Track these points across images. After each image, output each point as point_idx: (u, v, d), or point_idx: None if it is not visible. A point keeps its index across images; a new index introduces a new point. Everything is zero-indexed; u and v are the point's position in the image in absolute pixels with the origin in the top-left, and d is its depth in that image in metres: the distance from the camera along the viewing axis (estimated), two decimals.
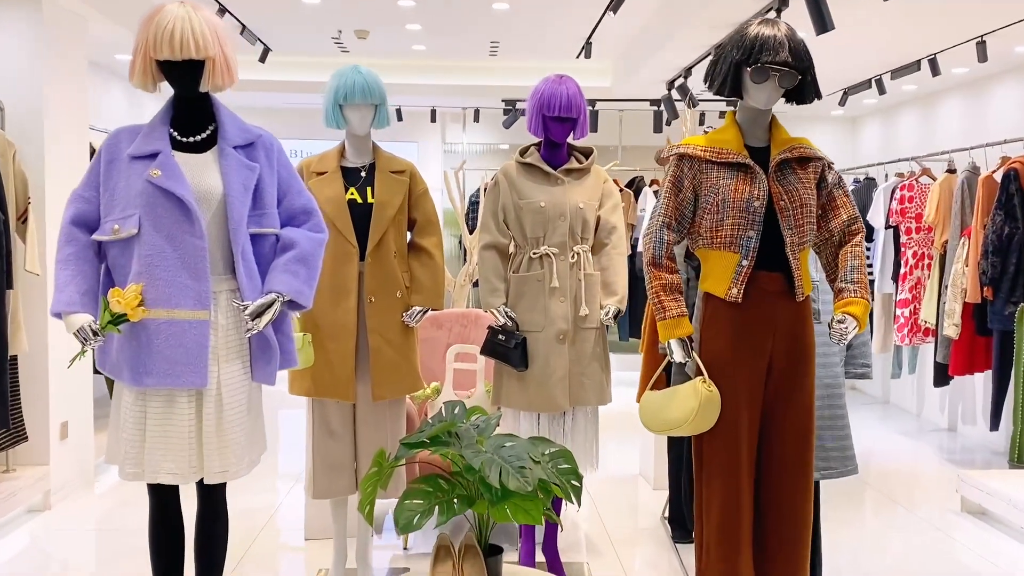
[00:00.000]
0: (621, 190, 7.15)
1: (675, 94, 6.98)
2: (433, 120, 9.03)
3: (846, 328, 2.70)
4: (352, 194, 3.56)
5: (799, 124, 9.23)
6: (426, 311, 3.64)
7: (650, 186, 8.12)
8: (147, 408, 2.58)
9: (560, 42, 7.32)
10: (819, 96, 2.79)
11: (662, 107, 7.58)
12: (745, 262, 2.69)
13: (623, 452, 5.72)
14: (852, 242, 2.82)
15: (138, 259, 2.56)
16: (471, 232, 5.78)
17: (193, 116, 2.69)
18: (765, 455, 2.78)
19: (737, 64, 2.71)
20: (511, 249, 3.76)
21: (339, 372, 3.49)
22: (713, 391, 2.68)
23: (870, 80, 6.75)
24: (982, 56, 5.38)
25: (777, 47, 2.64)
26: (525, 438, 2.86)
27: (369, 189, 3.57)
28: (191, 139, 2.67)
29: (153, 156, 2.58)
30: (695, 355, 2.77)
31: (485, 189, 8.95)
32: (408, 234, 3.72)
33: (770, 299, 2.73)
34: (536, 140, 3.77)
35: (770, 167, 2.75)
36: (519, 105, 8.40)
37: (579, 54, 7.11)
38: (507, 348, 3.61)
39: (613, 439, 5.42)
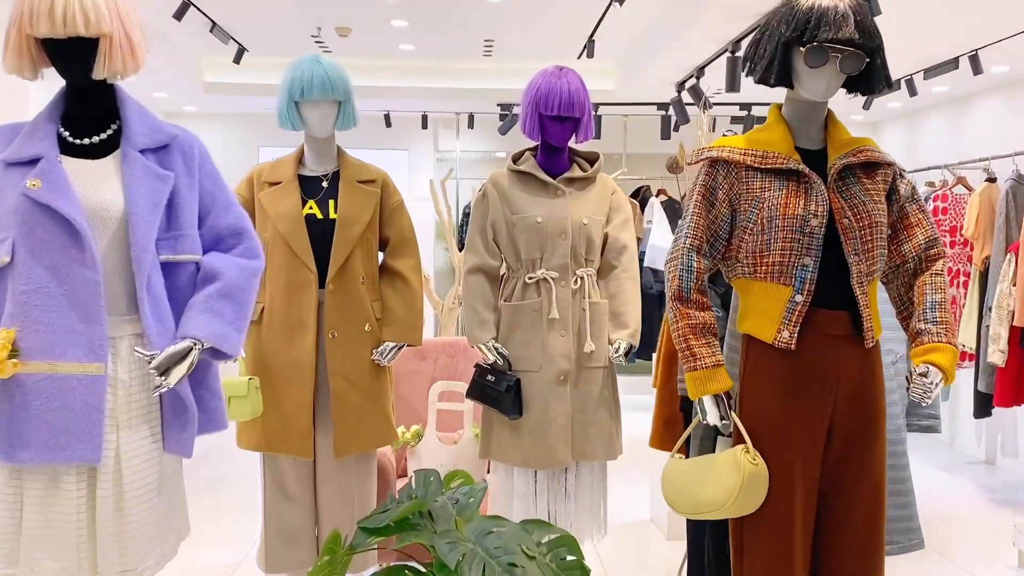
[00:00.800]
0: None
1: (686, 96, 6.40)
2: (424, 126, 8.45)
3: (930, 383, 2.10)
4: (311, 208, 2.99)
5: None
6: (401, 347, 3.06)
7: (657, 196, 7.57)
8: (24, 490, 1.99)
9: (559, 40, 6.75)
10: (889, 85, 2.19)
11: (670, 111, 7.00)
12: (799, 297, 2.10)
13: (630, 492, 5.12)
14: (931, 270, 2.22)
15: (12, 296, 1.97)
16: (461, 249, 5.20)
17: (89, 111, 2.10)
18: (823, 543, 2.18)
19: (787, 43, 2.12)
20: (502, 272, 3.18)
21: (294, 423, 2.91)
22: (759, 464, 2.08)
23: (899, 80, 6.16)
24: None
25: (839, 21, 2.05)
26: (517, 520, 2.28)
27: (332, 202, 3.00)
28: (86, 141, 2.08)
29: (33, 162, 2.00)
30: (735, 416, 2.17)
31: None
32: (380, 255, 3.15)
33: (831, 344, 2.13)
34: (532, 144, 3.20)
35: (829, 175, 2.16)
36: (516, 110, 7.82)
37: (581, 54, 6.53)
38: (497, 391, 3.02)
39: (618, 475, 4.82)
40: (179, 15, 5.37)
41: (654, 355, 3.63)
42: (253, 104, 8.41)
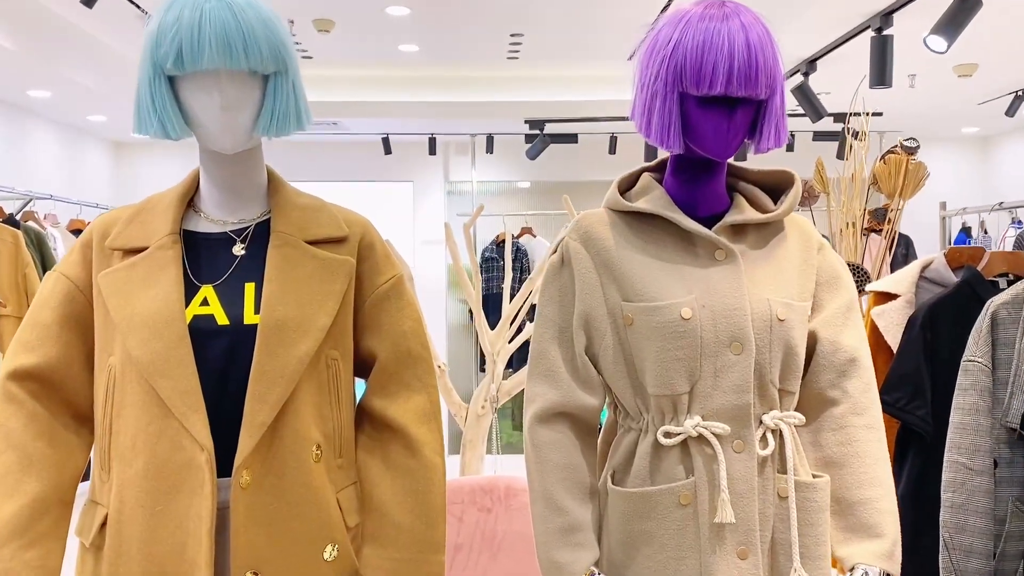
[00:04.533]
0: None
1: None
2: (432, 152, 6.93)
3: None
4: (206, 304, 1.43)
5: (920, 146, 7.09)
6: None
7: None
8: None
9: (611, 35, 5.21)
10: None
11: None
12: None
13: None
14: None
15: None
16: (486, 316, 3.59)
17: None
18: None
19: None
20: (606, 415, 1.62)
21: None
22: None
23: None
24: None
25: None
26: None
27: (250, 290, 1.44)
28: None
29: None
30: None
31: (499, 244, 6.82)
32: (355, 391, 1.58)
33: None
34: (652, 161, 1.64)
35: None
36: (548, 128, 6.26)
37: (635, 53, 4.97)
38: None
39: None
40: (88, 1, 3.83)
41: None
42: None
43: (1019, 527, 1.78)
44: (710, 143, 1.47)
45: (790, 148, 6.47)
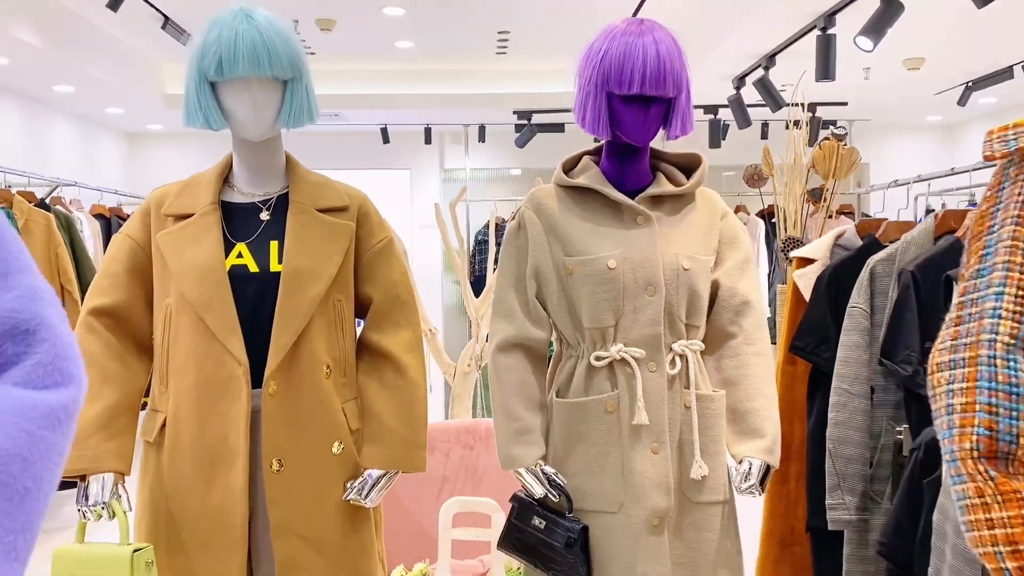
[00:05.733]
0: None
1: (746, 95, 5.23)
2: (428, 141, 7.29)
3: None
4: (240, 256, 1.84)
5: (887, 134, 7.50)
6: (392, 476, 1.90)
7: None
8: None
9: (591, 30, 5.57)
10: None
11: (720, 115, 5.85)
12: None
13: None
14: None
15: None
16: (474, 289, 4.01)
17: None
18: None
19: None
20: (553, 348, 2.03)
21: None
22: None
23: (1011, 68, 5.01)
24: None
25: None
26: None
27: (274, 245, 1.85)
28: None
29: None
30: None
31: (495, 226, 7.20)
32: (357, 327, 2.00)
33: None
34: (592, 146, 2.05)
35: None
36: (536, 118, 6.66)
37: None
38: (551, 545, 1.86)
39: None
40: (114, 5, 4.24)
41: None
42: None
43: (890, 441, 2.20)
44: (631, 132, 1.88)
45: (764, 136, 6.89)
